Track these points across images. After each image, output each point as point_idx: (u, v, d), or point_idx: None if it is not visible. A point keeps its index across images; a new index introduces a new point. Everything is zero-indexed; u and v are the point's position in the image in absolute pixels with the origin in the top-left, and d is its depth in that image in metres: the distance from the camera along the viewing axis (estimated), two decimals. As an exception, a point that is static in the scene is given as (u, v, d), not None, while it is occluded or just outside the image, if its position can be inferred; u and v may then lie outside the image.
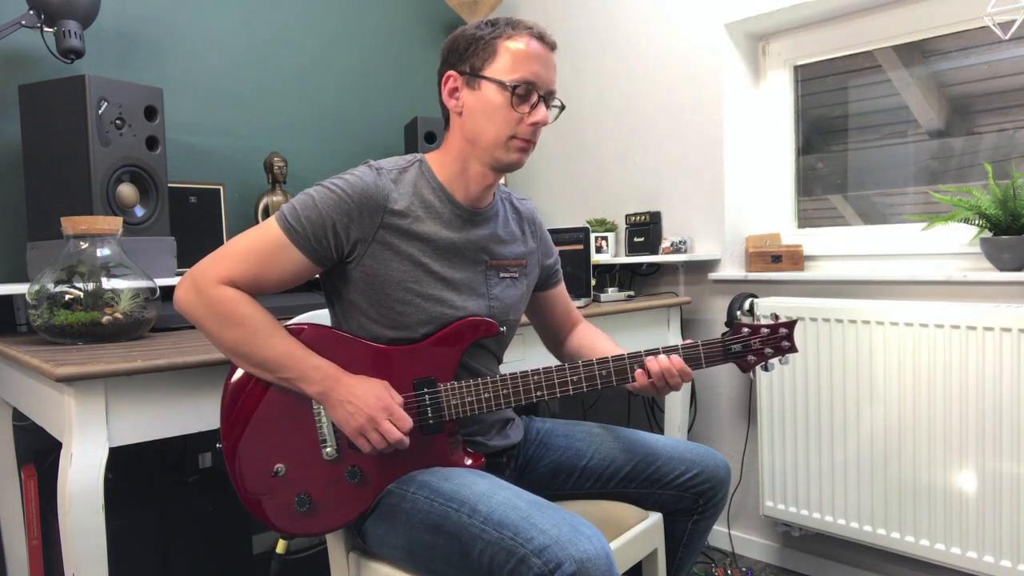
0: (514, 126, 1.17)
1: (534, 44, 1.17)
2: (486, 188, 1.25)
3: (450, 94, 1.20)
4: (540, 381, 1.19)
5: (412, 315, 1.18)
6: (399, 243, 1.17)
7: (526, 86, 1.16)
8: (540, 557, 0.95)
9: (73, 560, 1.10)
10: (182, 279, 1.13)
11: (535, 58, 1.17)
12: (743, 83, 2.34)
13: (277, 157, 2.25)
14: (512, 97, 1.15)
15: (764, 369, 1.22)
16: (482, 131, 1.18)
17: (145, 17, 2.11)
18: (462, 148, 1.22)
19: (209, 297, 1.10)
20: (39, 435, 1.80)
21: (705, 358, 1.21)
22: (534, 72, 1.16)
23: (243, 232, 1.16)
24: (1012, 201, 1.76)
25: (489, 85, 1.16)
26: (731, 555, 2.33)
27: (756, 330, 1.21)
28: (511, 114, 1.16)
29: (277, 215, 1.15)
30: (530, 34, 1.17)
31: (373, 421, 1.09)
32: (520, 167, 1.22)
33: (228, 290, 1.11)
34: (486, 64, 1.16)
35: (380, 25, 2.67)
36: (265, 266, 1.13)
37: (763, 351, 1.21)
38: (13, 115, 1.85)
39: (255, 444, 1.15)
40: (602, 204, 2.66)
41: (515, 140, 1.18)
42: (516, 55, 1.15)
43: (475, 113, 1.18)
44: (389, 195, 1.17)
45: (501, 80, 1.15)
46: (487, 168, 1.22)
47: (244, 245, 1.14)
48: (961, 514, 1.76)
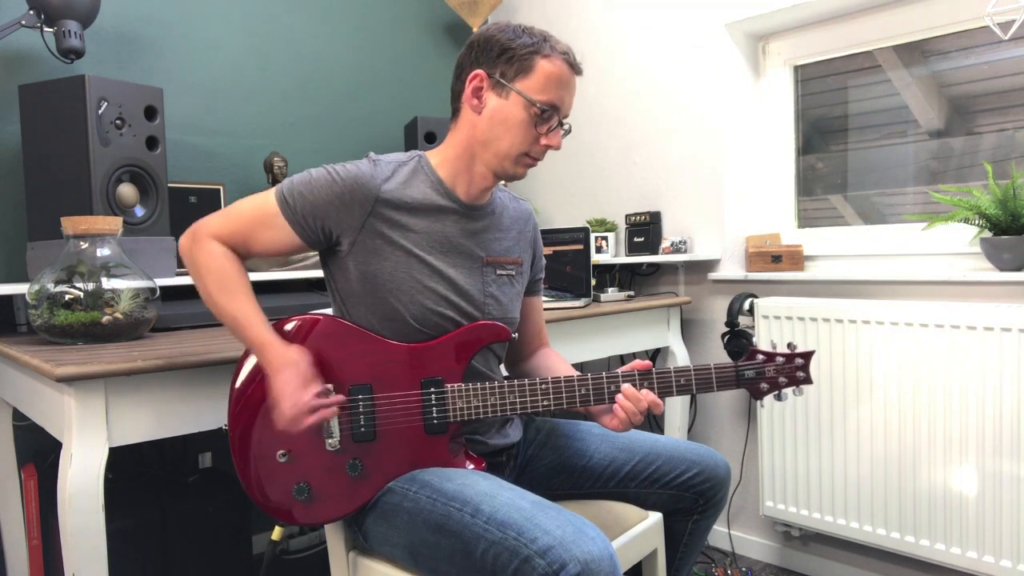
0: (530, 144, 1.20)
1: (567, 70, 1.19)
2: (485, 188, 1.27)
3: (474, 92, 1.20)
4: (548, 390, 1.19)
5: (407, 307, 1.18)
6: (392, 234, 1.19)
7: (552, 110, 1.18)
8: (544, 558, 0.95)
9: (73, 560, 1.10)
10: (188, 229, 1.21)
11: (565, 84, 1.19)
12: (743, 83, 2.34)
13: (277, 157, 2.25)
14: (536, 116, 1.17)
15: (776, 399, 1.19)
16: (498, 139, 1.19)
17: (145, 17, 2.11)
18: (470, 146, 1.22)
19: (198, 246, 1.18)
20: (39, 435, 1.81)
21: (717, 382, 1.19)
22: (561, 97, 1.19)
23: (248, 196, 1.23)
24: (1012, 201, 1.76)
25: (517, 98, 1.17)
26: (731, 555, 2.33)
27: (771, 358, 1.19)
28: (530, 132, 1.18)
29: (277, 186, 1.20)
30: (565, 59, 1.19)
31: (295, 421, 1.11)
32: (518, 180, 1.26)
33: (216, 244, 1.18)
34: (518, 77, 1.17)
35: (380, 25, 2.68)
36: (255, 231, 1.19)
37: (777, 380, 1.19)
38: (13, 115, 1.85)
39: (261, 429, 1.16)
40: (602, 204, 2.66)
41: (527, 157, 1.21)
42: (549, 77, 1.17)
43: (495, 120, 1.19)
44: (381, 186, 1.18)
45: (532, 98, 1.16)
46: (490, 172, 1.24)
47: (243, 208, 1.20)
48: (961, 514, 1.76)
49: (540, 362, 1.42)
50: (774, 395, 1.20)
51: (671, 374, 1.19)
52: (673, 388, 1.19)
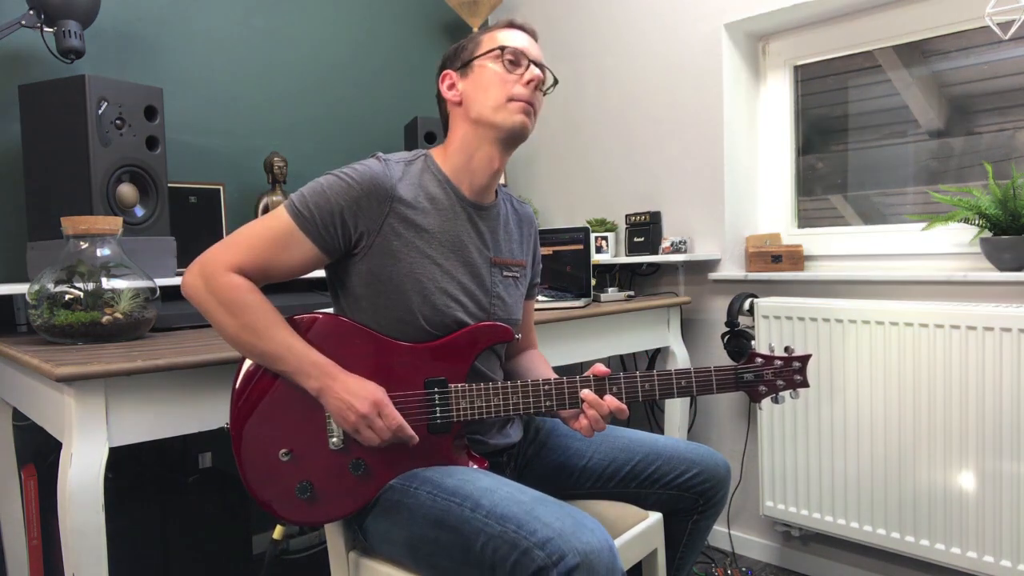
0: (511, 87, 1.21)
1: (515, 29, 1.26)
2: (492, 175, 1.26)
3: (448, 88, 1.26)
4: (551, 392, 1.19)
5: (417, 308, 1.18)
6: (407, 233, 1.18)
7: (514, 51, 1.22)
8: (543, 549, 0.95)
9: (73, 560, 1.10)
10: (191, 265, 1.14)
11: (518, 37, 1.25)
12: (743, 83, 2.34)
13: (277, 157, 2.25)
14: (504, 63, 1.21)
15: (774, 401, 1.23)
16: (482, 103, 1.22)
17: (145, 17, 2.11)
18: (465, 135, 1.24)
19: (215, 284, 1.10)
20: (39, 435, 1.81)
21: (717, 384, 1.21)
22: (519, 44, 1.24)
23: (253, 220, 1.17)
24: (1012, 201, 1.76)
25: (481, 62, 1.23)
26: (731, 555, 2.33)
27: (770, 361, 1.22)
28: (506, 77, 1.22)
29: (287, 202, 1.16)
30: (510, 23, 1.27)
31: (365, 418, 1.10)
32: (526, 133, 1.23)
33: (235, 277, 1.11)
34: (475, 52, 1.24)
35: (380, 25, 2.68)
36: (273, 253, 1.14)
37: (775, 383, 1.22)
38: (13, 115, 1.85)
39: (262, 428, 1.15)
40: (602, 204, 2.66)
41: (513, 102, 1.21)
42: (496, 35, 1.24)
43: (473, 92, 1.23)
44: (396, 185, 1.18)
45: (490, 48, 1.22)
46: (493, 145, 1.23)
47: (253, 232, 1.14)
48: (961, 514, 1.76)
49: (526, 363, 1.42)
50: (771, 398, 1.22)
51: (672, 376, 1.20)
52: (674, 390, 1.20)
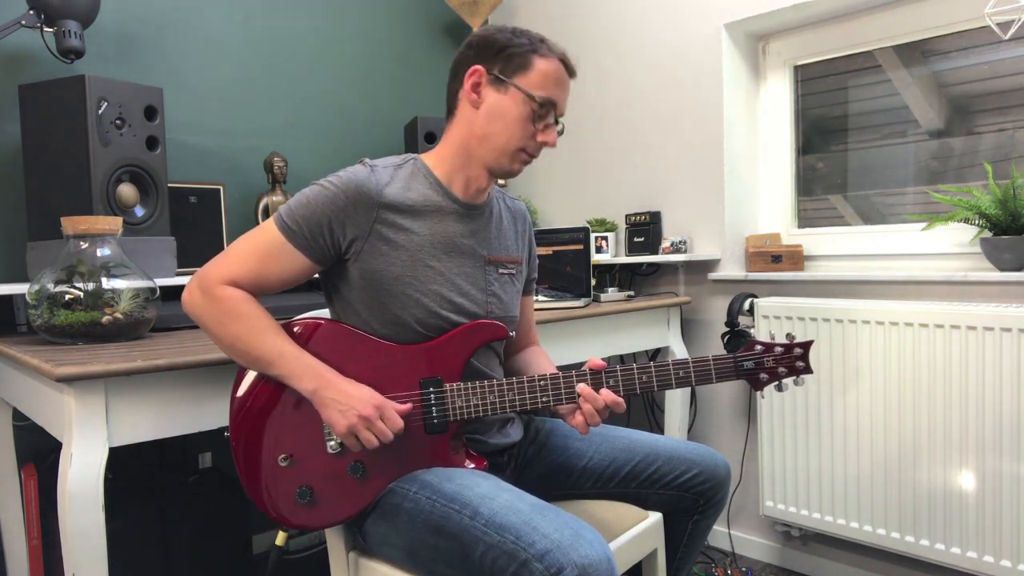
0: (527, 140, 1.20)
1: (563, 70, 1.22)
2: (481, 188, 1.27)
3: (472, 87, 1.21)
4: (547, 387, 1.19)
5: (411, 310, 1.18)
6: (396, 237, 1.18)
7: (549, 106, 1.20)
8: (542, 562, 0.95)
9: (73, 560, 1.10)
10: (190, 280, 1.17)
11: (561, 82, 1.21)
12: (743, 83, 2.34)
13: (277, 157, 2.25)
14: (533, 112, 1.19)
15: (777, 389, 1.19)
16: (496, 134, 1.20)
17: (145, 17, 2.11)
18: (466, 143, 1.23)
19: (211, 296, 1.14)
20: (39, 435, 1.81)
21: (716, 374, 1.19)
22: (557, 95, 1.21)
23: (245, 233, 1.19)
24: (1012, 201, 1.76)
25: (516, 93, 1.18)
26: (731, 555, 2.33)
27: (770, 348, 1.19)
28: (528, 127, 1.19)
29: (275, 216, 1.17)
30: (562, 60, 1.22)
31: (366, 420, 1.10)
32: (513, 178, 1.24)
33: (229, 289, 1.14)
34: (517, 73, 1.19)
35: (380, 25, 2.68)
36: (266, 266, 1.16)
37: (776, 370, 1.19)
38: (13, 115, 1.85)
39: (261, 435, 1.16)
40: (602, 204, 2.66)
41: (523, 153, 1.22)
42: (546, 74, 1.19)
43: (494, 114, 1.19)
44: (382, 190, 1.18)
45: (530, 93, 1.18)
46: (485, 170, 1.24)
47: (245, 246, 1.17)
48: (961, 514, 1.76)
49: (526, 358, 1.42)
50: (775, 385, 1.20)
51: (670, 367, 1.19)
52: (672, 381, 1.19)
